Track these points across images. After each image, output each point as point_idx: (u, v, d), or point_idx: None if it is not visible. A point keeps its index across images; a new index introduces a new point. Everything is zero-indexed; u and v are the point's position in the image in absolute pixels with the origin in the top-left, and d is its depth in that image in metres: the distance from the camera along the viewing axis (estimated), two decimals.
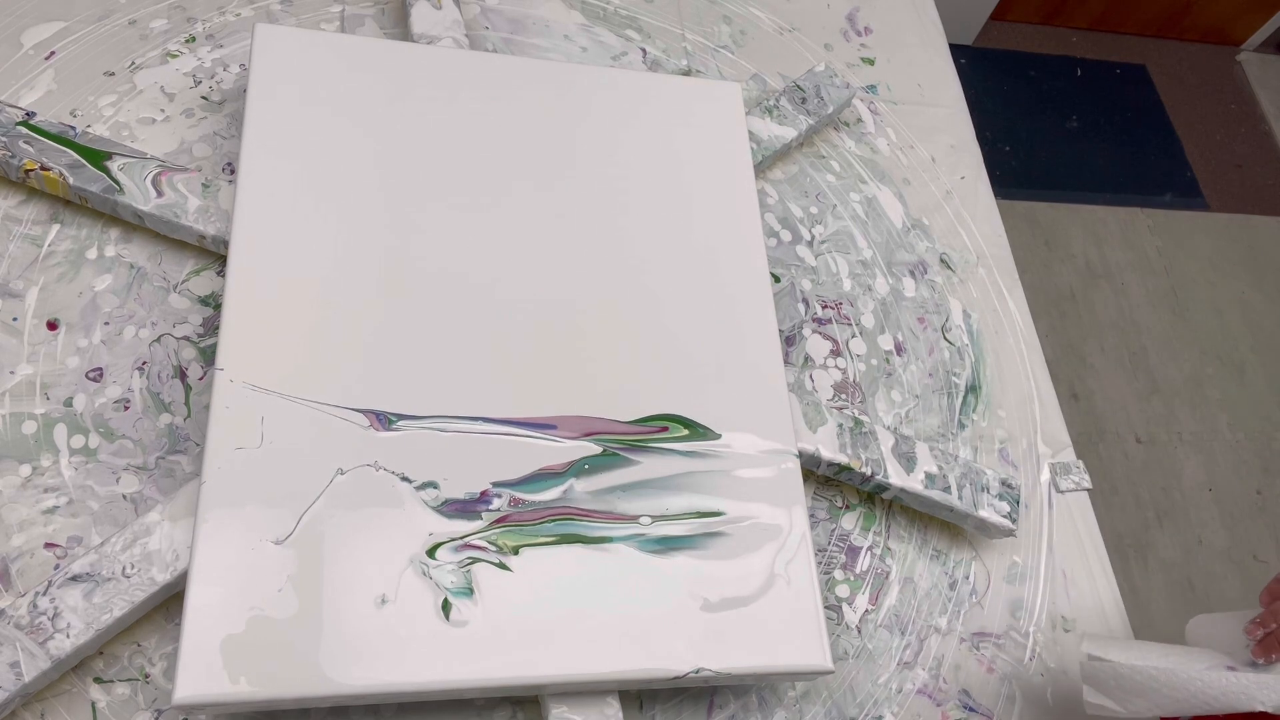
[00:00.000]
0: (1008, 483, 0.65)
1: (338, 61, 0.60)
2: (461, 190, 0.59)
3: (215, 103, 0.64)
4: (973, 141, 0.83)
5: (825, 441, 0.61)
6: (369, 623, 0.46)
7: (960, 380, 0.71)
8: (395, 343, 0.53)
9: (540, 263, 0.58)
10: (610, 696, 0.51)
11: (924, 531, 0.65)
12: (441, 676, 0.46)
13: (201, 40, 0.66)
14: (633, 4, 0.79)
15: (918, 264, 0.75)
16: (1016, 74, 2.07)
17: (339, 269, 0.54)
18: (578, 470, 0.53)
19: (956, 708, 0.59)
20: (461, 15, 0.69)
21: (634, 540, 0.52)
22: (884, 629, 0.61)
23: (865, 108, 0.81)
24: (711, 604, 0.51)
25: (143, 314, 0.56)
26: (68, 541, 0.50)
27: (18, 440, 0.52)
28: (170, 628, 0.49)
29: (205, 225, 0.56)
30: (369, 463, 0.50)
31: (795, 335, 0.69)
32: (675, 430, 0.56)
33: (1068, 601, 0.65)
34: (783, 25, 0.83)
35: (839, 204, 0.76)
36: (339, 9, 0.70)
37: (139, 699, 0.48)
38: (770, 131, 0.73)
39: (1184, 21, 2.24)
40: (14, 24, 0.62)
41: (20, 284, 0.55)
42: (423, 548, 0.48)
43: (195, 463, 0.53)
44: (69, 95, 0.61)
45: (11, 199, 0.57)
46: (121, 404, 0.54)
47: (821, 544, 0.62)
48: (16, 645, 0.44)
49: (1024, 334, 0.75)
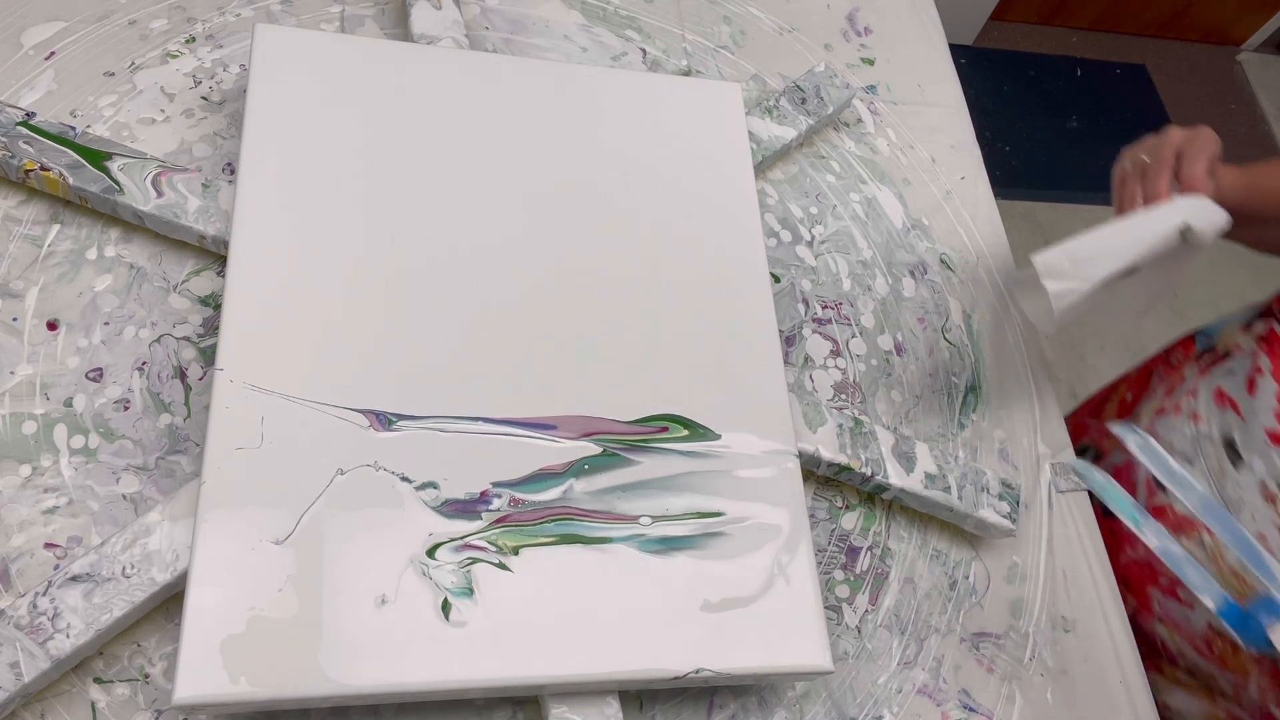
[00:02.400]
0: (1008, 483, 0.65)
1: (338, 62, 0.60)
2: (461, 190, 0.59)
3: (215, 103, 0.64)
4: (973, 141, 0.83)
5: (825, 441, 0.61)
6: (369, 623, 0.46)
7: (960, 380, 0.71)
8: (395, 343, 0.53)
9: (540, 262, 0.58)
10: (610, 696, 0.51)
11: (924, 531, 0.65)
12: (441, 676, 0.46)
13: (201, 40, 0.66)
14: (633, 4, 0.79)
15: (918, 264, 0.75)
16: (1016, 74, 2.07)
17: (339, 269, 0.54)
18: (577, 470, 0.53)
19: (956, 708, 0.59)
20: (461, 15, 0.69)
21: (634, 540, 0.52)
22: (884, 629, 0.61)
23: (865, 108, 0.81)
24: (711, 604, 0.51)
25: (143, 314, 0.56)
26: (68, 541, 0.50)
27: (18, 440, 0.52)
28: (170, 628, 0.49)
29: (205, 225, 0.56)
30: (369, 463, 0.50)
31: (795, 335, 0.69)
32: (675, 430, 0.56)
33: (1068, 601, 0.65)
34: (782, 25, 0.83)
35: (839, 204, 0.76)
36: (339, 9, 0.70)
37: (139, 699, 0.48)
38: (770, 132, 0.73)
39: (1184, 21, 2.24)
40: (14, 24, 0.62)
41: (20, 284, 0.55)
42: (423, 548, 0.48)
43: (195, 463, 0.53)
44: (69, 95, 0.61)
45: (11, 199, 0.57)
46: (121, 404, 0.54)
47: (821, 544, 0.62)
48: (16, 645, 0.44)
49: (1024, 334, 0.75)
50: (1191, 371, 0.72)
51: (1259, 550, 0.49)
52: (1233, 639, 0.59)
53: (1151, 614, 0.69)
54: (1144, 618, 0.70)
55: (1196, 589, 0.50)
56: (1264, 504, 0.61)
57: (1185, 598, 0.66)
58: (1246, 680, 0.64)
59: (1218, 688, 0.67)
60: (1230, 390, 0.65)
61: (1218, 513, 0.51)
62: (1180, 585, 0.66)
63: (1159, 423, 0.72)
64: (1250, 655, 0.62)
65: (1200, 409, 0.67)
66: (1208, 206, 0.58)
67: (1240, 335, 0.69)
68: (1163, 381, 0.75)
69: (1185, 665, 0.68)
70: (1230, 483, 0.63)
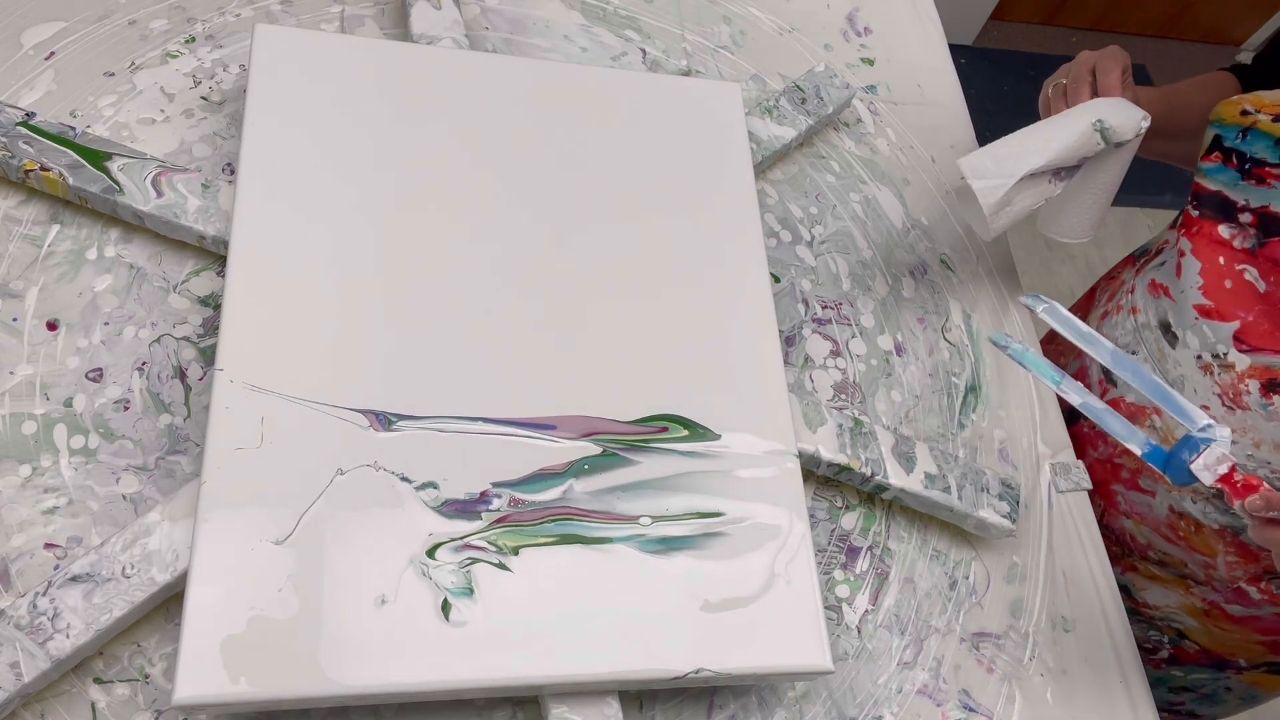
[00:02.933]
0: (1008, 483, 0.65)
1: (338, 62, 0.60)
2: (461, 190, 0.59)
3: (215, 103, 0.64)
4: (973, 142, 0.83)
5: (825, 441, 0.61)
6: (369, 623, 0.46)
7: (960, 380, 0.71)
8: (395, 343, 0.53)
9: (540, 262, 0.58)
10: (610, 696, 0.51)
11: (924, 531, 0.65)
12: (441, 676, 0.46)
13: (201, 40, 0.66)
14: (633, 4, 0.79)
15: (918, 264, 0.75)
16: (1016, 74, 2.07)
17: (339, 269, 0.54)
18: (577, 470, 0.53)
19: (956, 708, 0.59)
20: (461, 15, 0.69)
21: (634, 540, 0.52)
22: (884, 629, 0.61)
23: (865, 108, 0.81)
24: (711, 604, 0.51)
25: (143, 314, 0.56)
26: (68, 542, 0.50)
27: (18, 440, 0.52)
28: (170, 628, 0.49)
29: (205, 225, 0.56)
30: (369, 463, 0.50)
31: (795, 335, 0.69)
32: (675, 430, 0.56)
33: (1068, 601, 0.65)
34: (782, 25, 0.83)
35: (839, 204, 0.76)
36: (339, 9, 0.70)
37: (139, 699, 0.48)
38: (770, 132, 0.73)
39: (1184, 21, 2.24)
40: (14, 24, 0.62)
41: (20, 284, 0.55)
42: (423, 548, 0.48)
43: (195, 463, 0.53)
44: (69, 95, 0.61)
45: (11, 199, 0.57)
46: (121, 404, 0.54)
47: (821, 544, 0.62)
48: (16, 645, 0.44)
49: (1024, 334, 0.75)
50: (1129, 274, 0.75)
51: (1170, 392, 0.52)
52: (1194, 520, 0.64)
53: (1118, 510, 0.72)
54: (1112, 516, 0.72)
55: (1122, 437, 0.52)
56: (1202, 375, 0.64)
57: (1146, 486, 0.69)
58: (1215, 559, 0.66)
59: (1189, 574, 0.70)
60: (1161, 279, 0.69)
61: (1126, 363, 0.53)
62: (1141, 474, 0.69)
63: (1103, 326, 0.75)
64: (1213, 530, 0.65)
65: (1138, 302, 0.71)
66: (1122, 105, 0.63)
67: (1168, 232, 0.73)
68: (1105, 291, 0.79)
69: (1156, 557, 0.71)
70: (1170, 363, 0.66)
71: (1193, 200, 0.67)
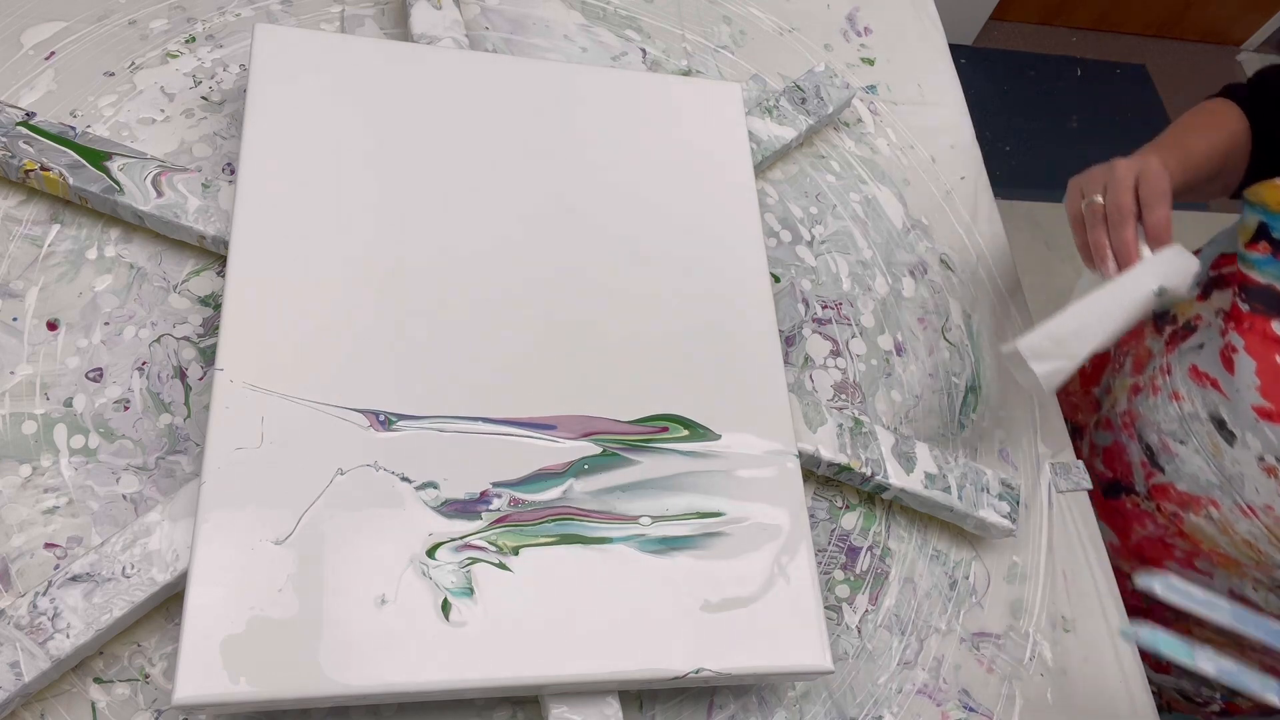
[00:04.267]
0: (1008, 483, 0.65)
1: (338, 62, 0.60)
2: (461, 190, 0.59)
3: (215, 103, 0.64)
4: (973, 141, 0.83)
5: (825, 441, 0.61)
6: (369, 623, 0.46)
7: (960, 380, 0.71)
8: (395, 343, 0.53)
9: (540, 263, 0.58)
10: (610, 696, 0.51)
11: (924, 531, 0.65)
12: (441, 676, 0.46)
13: (201, 40, 0.66)
14: (633, 4, 0.79)
15: (918, 264, 0.75)
16: (1016, 74, 2.07)
17: (339, 269, 0.54)
18: (577, 470, 0.53)
19: (956, 708, 0.59)
20: (461, 15, 0.69)
21: (634, 540, 0.52)
22: (884, 629, 0.61)
23: (865, 108, 0.81)
24: (711, 604, 0.51)
25: (143, 314, 0.56)
26: (68, 541, 0.50)
27: (18, 440, 0.52)
28: (170, 628, 0.49)
29: (205, 225, 0.56)
30: (369, 463, 0.50)
31: (795, 335, 0.69)
32: (675, 430, 0.56)
33: (1068, 601, 0.65)
34: (783, 25, 0.83)
35: (839, 204, 0.76)
36: (339, 9, 0.70)
37: (139, 699, 0.48)
38: (770, 131, 0.73)
39: (1184, 21, 2.24)
40: (14, 24, 0.62)
41: (20, 284, 0.55)
42: (423, 548, 0.48)
43: (195, 463, 0.53)
44: (69, 95, 0.61)
45: (11, 199, 0.57)
46: (121, 404, 0.54)
47: (821, 544, 0.62)
48: (16, 645, 0.44)
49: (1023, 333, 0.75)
50: (1156, 344, 0.72)
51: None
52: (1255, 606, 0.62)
53: None
54: None
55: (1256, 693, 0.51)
56: (1265, 477, 0.62)
57: (1202, 568, 0.68)
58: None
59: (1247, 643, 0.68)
60: (1206, 368, 0.66)
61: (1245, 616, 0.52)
62: (1197, 557, 0.67)
63: (1138, 402, 0.73)
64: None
65: (1179, 387, 0.68)
66: (1177, 255, 0.57)
67: (1199, 306, 0.69)
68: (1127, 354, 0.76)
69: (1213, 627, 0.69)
70: (1228, 459, 0.64)
71: (1240, 292, 0.63)
